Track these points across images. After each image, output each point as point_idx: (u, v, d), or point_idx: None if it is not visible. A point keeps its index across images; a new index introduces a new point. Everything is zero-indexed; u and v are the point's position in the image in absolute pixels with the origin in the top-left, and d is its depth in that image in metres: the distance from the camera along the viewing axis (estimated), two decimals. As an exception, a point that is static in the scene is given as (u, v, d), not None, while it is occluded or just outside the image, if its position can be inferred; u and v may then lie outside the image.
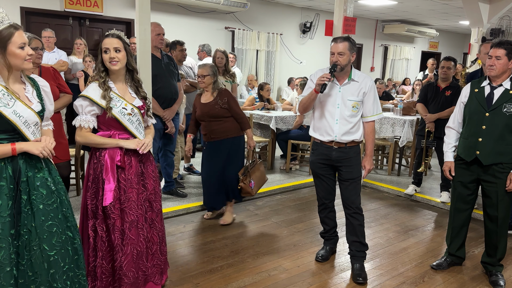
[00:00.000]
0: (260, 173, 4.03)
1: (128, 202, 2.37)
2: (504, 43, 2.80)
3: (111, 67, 2.35)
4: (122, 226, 2.36)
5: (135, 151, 2.39)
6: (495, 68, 2.81)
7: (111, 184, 2.31)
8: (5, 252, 1.81)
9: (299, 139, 5.67)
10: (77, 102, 2.34)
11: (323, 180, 3.12)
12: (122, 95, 2.39)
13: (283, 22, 9.35)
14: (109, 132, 2.38)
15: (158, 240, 2.57)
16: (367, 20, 10.94)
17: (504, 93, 2.83)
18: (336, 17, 5.24)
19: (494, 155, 2.84)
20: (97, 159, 2.36)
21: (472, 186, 3.02)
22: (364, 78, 2.95)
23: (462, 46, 13.74)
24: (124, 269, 2.37)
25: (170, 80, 4.13)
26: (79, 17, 6.86)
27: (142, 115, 2.48)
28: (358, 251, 3.05)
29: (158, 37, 4.00)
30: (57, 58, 5.93)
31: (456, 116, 3.09)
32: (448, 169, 3.10)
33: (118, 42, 2.34)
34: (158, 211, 2.58)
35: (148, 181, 2.50)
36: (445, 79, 4.56)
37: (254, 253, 3.36)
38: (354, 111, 2.92)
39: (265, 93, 6.40)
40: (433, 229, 4.06)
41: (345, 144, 2.96)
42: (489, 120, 2.84)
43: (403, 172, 5.98)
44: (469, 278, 3.11)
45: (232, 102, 3.71)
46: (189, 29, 7.89)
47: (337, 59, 2.84)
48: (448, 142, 3.13)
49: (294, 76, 9.00)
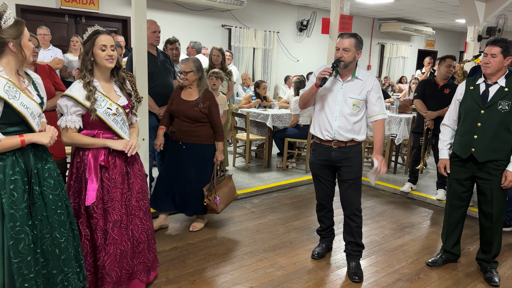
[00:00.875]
0: (228, 189, 3.68)
1: (112, 202, 2.36)
2: (500, 41, 2.81)
3: (107, 64, 2.33)
4: (105, 226, 2.36)
5: (121, 151, 2.38)
6: (491, 66, 2.82)
7: (94, 184, 2.30)
8: (25, 243, 1.90)
9: (296, 137, 5.67)
10: (61, 102, 2.29)
11: (322, 182, 3.09)
12: (107, 94, 2.37)
13: (280, 20, 9.35)
14: (93, 132, 2.36)
15: (145, 239, 2.56)
16: (364, 18, 10.95)
17: (499, 91, 2.84)
18: (333, 15, 5.25)
19: (489, 152, 2.85)
20: (80, 158, 2.35)
21: (468, 183, 3.03)
22: (369, 77, 2.89)
23: (459, 44, 13.78)
24: (106, 269, 2.36)
25: (166, 77, 4.12)
26: (75, 15, 6.83)
27: (127, 114, 2.47)
28: (354, 250, 3.06)
29: (154, 35, 3.99)
30: (53, 56, 5.89)
31: (451, 113, 3.10)
32: (443, 167, 3.11)
33: (112, 40, 2.35)
34: (146, 209, 2.57)
35: (135, 180, 2.48)
36: (446, 77, 4.56)
37: (251, 251, 3.36)
38: (355, 110, 2.86)
39: (262, 91, 6.40)
40: (429, 227, 4.08)
41: (345, 143, 2.91)
42: (484, 118, 2.85)
43: (399, 170, 6.00)
44: (464, 274, 3.13)
45: (213, 108, 3.41)
46: (185, 27, 7.87)
47: (342, 55, 2.78)
48: (443, 139, 3.14)
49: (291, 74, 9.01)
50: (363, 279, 2.99)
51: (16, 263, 1.88)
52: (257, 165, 5.97)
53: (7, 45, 1.89)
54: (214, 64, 5.05)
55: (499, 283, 2.98)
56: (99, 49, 2.30)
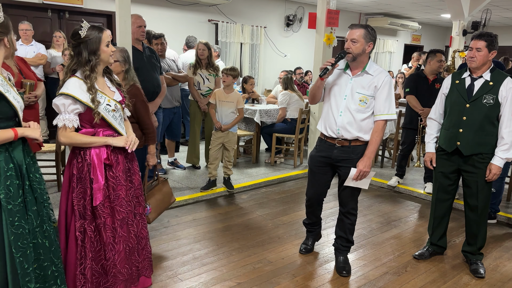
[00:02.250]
0: (162, 195, 3.24)
1: (118, 200, 2.33)
2: (485, 35, 2.83)
3: (111, 61, 2.32)
4: (113, 224, 2.32)
5: (122, 147, 2.34)
6: (476, 60, 2.84)
7: (100, 183, 2.25)
8: (23, 237, 1.93)
9: (284, 132, 5.67)
10: (58, 100, 2.20)
11: (316, 179, 3.01)
12: (102, 90, 2.31)
13: (267, 15, 9.31)
14: (93, 130, 2.29)
15: (146, 234, 2.56)
16: (351, 13, 10.96)
17: (484, 85, 2.87)
18: (320, 9, 5.24)
19: (474, 145, 2.88)
20: (81, 158, 2.27)
21: (453, 176, 3.06)
22: (380, 73, 2.73)
23: (444, 39, 13.89)
24: (118, 267, 2.34)
25: (152, 73, 4.07)
26: (58, 10, 6.70)
27: (123, 109, 2.44)
28: (344, 245, 3.06)
29: (139, 30, 3.94)
30: (35, 52, 5.79)
31: (437, 107, 3.12)
32: (430, 160, 3.13)
33: None
34: (145, 205, 2.58)
35: (134, 177, 2.47)
36: (437, 72, 4.58)
37: (239, 247, 3.36)
38: (362, 106, 2.71)
39: (249, 87, 6.36)
40: (416, 220, 4.12)
41: (349, 142, 2.78)
42: (470, 111, 2.88)
43: (386, 164, 6.04)
44: (450, 267, 3.17)
45: (140, 107, 2.96)
46: (171, 22, 7.79)
47: (349, 46, 2.67)
48: (429, 133, 3.16)
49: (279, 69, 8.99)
50: (351, 273, 3.01)
51: (17, 258, 1.91)
52: (245, 161, 5.96)
53: (2, 41, 1.91)
54: (200, 59, 5.01)
55: (485, 275, 3.03)
56: (105, 46, 2.25)
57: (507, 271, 3.13)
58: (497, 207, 4.05)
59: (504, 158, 2.82)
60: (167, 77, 4.72)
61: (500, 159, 2.83)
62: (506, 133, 2.80)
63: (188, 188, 4.60)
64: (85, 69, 2.22)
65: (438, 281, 2.96)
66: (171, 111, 4.94)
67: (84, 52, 2.22)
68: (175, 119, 5.09)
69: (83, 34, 2.21)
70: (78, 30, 2.21)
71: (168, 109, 4.85)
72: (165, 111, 4.74)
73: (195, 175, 5.11)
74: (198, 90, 5.07)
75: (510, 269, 3.17)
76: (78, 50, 2.23)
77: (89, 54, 2.22)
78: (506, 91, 2.80)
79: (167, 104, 4.83)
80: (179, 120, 5.25)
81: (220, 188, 4.60)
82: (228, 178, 4.60)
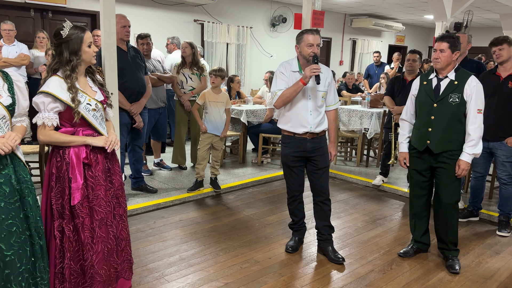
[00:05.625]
0: None
1: (97, 200, 2.31)
2: (447, 36, 2.95)
3: (93, 61, 2.31)
4: (92, 224, 2.30)
5: (102, 147, 2.32)
6: (440, 61, 2.96)
7: (78, 182, 2.23)
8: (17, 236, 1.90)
9: (270, 132, 5.69)
10: (37, 99, 2.20)
11: (295, 173, 3.17)
12: (84, 89, 2.31)
13: (253, 15, 9.32)
14: (73, 129, 2.29)
15: (126, 236, 2.53)
16: (336, 14, 11.05)
17: (449, 84, 2.98)
18: (305, 10, 5.28)
19: (443, 143, 2.98)
20: (60, 157, 2.26)
21: (427, 173, 3.16)
22: (326, 69, 3.08)
23: (428, 40, 14.11)
24: (96, 267, 2.31)
25: (137, 73, 4.04)
26: (41, 9, 6.60)
27: (104, 109, 2.42)
28: (329, 234, 3.22)
29: (124, 29, 3.90)
30: (18, 52, 5.69)
31: (408, 108, 3.23)
32: (403, 160, 3.21)
33: None
34: (125, 206, 2.54)
35: (115, 177, 2.45)
36: (411, 72, 4.66)
37: (226, 247, 3.35)
38: (323, 101, 3.05)
39: (235, 85, 6.35)
40: (400, 218, 4.18)
41: (317, 134, 3.06)
42: (437, 111, 2.98)
43: (371, 163, 6.10)
44: (434, 264, 3.22)
45: None
46: (156, 22, 7.74)
47: (316, 50, 2.93)
48: (402, 133, 3.26)
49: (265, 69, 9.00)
50: (337, 272, 3.04)
51: (9, 256, 1.86)
52: (232, 161, 5.96)
53: None
54: (184, 58, 5.01)
55: (459, 271, 3.08)
56: (87, 46, 2.25)
57: (489, 268, 3.20)
58: (479, 205, 4.13)
59: (471, 154, 2.93)
60: (152, 78, 4.69)
61: (467, 155, 2.93)
62: (472, 129, 2.91)
63: (174, 189, 4.58)
64: (66, 68, 2.22)
65: (422, 278, 3.01)
66: (157, 111, 4.91)
67: (65, 52, 2.22)
68: (161, 119, 5.06)
69: (65, 34, 2.20)
70: (60, 29, 2.20)
71: (153, 110, 4.82)
72: (151, 111, 4.71)
73: (181, 175, 5.09)
74: (181, 89, 5.06)
75: (493, 265, 3.24)
76: (59, 50, 2.23)
77: (70, 54, 2.22)
78: (470, 89, 2.91)
79: (153, 105, 4.80)
80: (165, 121, 5.22)
81: (207, 189, 4.59)
82: (215, 179, 4.60)
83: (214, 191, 4.60)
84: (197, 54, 5.07)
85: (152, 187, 4.48)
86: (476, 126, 2.91)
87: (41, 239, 2.10)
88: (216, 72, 4.38)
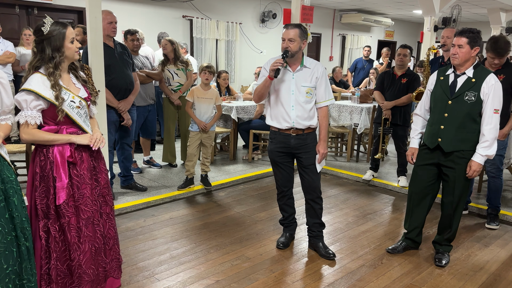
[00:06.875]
0: None
1: (83, 199, 2.28)
2: (466, 31, 2.81)
3: (76, 57, 2.28)
4: (78, 223, 2.27)
5: (87, 145, 2.29)
6: (458, 57, 2.83)
7: (63, 181, 2.20)
8: (2, 236, 1.86)
9: (261, 128, 5.67)
10: (19, 96, 2.15)
11: (282, 168, 3.17)
12: (67, 86, 2.26)
13: (242, 11, 9.28)
14: (56, 127, 2.24)
15: (114, 234, 2.51)
16: (325, 10, 11.04)
17: (466, 81, 2.86)
18: (294, 6, 5.26)
19: (455, 142, 2.88)
20: (44, 156, 2.22)
21: (433, 172, 3.05)
22: (316, 65, 3.02)
23: (417, 35, 14.17)
24: (83, 267, 2.29)
25: (124, 70, 4.00)
26: (26, 6, 6.49)
27: (88, 106, 2.38)
28: (319, 230, 3.22)
29: (110, 26, 3.85)
30: (3, 49, 5.59)
31: (423, 103, 3.12)
32: (411, 155, 3.15)
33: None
34: (112, 204, 2.51)
35: (101, 176, 2.42)
36: (401, 66, 4.67)
37: (217, 244, 3.34)
38: (308, 97, 2.99)
39: (222, 82, 6.31)
40: (390, 213, 4.20)
41: (303, 131, 3.03)
42: (451, 108, 2.88)
43: (361, 158, 6.12)
44: (424, 258, 3.24)
45: None
46: (144, 18, 7.66)
47: (288, 45, 2.87)
48: (414, 128, 3.18)
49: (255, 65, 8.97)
50: (328, 266, 3.04)
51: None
52: (222, 158, 5.94)
53: None
54: (167, 55, 4.98)
55: (444, 265, 3.09)
56: (69, 42, 2.21)
57: (478, 261, 3.23)
58: (468, 198, 4.17)
59: (484, 155, 2.82)
60: (141, 75, 4.64)
61: (480, 156, 2.83)
62: (487, 130, 2.79)
63: (164, 186, 4.55)
64: (49, 66, 2.17)
65: (412, 272, 3.02)
66: (146, 109, 4.87)
67: (47, 49, 2.17)
68: (150, 117, 5.02)
69: (46, 30, 2.15)
70: (41, 26, 2.16)
71: (142, 107, 4.78)
72: (139, 109, 4.67)
73: (172, 173, 5.06)
74: (169, 86, 5.03)
75: (481, 258, 3.27)
76: (41, 47, 2.18)
77: (52, 51, 2.17)
78: (488, 88, 2.79)
79: (141, 102, 4.75)
80: (154, 118, 5.18)
81: (197, 186, 4.57)
82: (205, 176, 4.58)
83: (205, 188, 4.57)
84: (178, 49, 5.04)
85: (141, 185, 4.44)
86: (492, 127, 2.78)
87: (27, 241, 2.06)
88: (209, 69, 4.39)
